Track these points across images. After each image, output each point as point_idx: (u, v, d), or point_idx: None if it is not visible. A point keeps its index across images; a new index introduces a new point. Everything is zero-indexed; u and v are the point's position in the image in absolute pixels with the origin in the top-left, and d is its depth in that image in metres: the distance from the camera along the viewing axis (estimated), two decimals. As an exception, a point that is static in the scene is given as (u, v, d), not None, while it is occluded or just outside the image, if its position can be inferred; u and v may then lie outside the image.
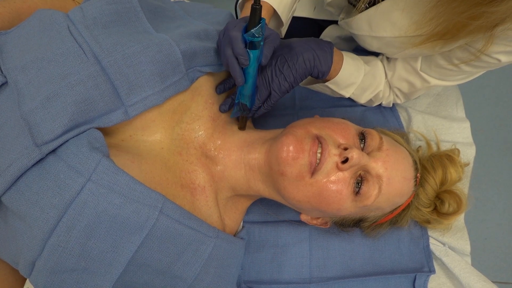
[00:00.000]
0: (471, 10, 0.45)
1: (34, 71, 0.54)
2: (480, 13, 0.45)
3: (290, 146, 0.57)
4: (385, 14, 0.60)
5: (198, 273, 0.58)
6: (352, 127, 0.62)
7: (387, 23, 0.61)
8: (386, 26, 0.62)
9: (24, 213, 0.51)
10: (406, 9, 0.56)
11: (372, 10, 0.63)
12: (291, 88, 0.66)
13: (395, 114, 0.86)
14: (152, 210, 0.54)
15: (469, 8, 0.45)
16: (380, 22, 0.62)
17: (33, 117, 0.52)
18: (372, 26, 0.64)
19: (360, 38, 0.70)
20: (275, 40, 0.59)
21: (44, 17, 0.59)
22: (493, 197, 1.52)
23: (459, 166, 0.73)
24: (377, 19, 0.63)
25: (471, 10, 0.46)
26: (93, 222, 0.51)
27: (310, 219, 0.68)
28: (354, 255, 0.75)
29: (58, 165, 0.51)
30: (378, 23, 0.63)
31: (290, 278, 0.73)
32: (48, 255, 0.50)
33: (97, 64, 0.55)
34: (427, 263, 0.75)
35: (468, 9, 0.46)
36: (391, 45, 0.65)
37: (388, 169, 0.59)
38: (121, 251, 0.53)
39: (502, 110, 1.61)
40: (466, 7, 0.46)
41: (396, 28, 0.60)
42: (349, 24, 0.70)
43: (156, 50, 0.57)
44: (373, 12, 0.63)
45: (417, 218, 0.75)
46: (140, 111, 0.58)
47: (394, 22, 0.60)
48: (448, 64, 0.62)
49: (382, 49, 0.69)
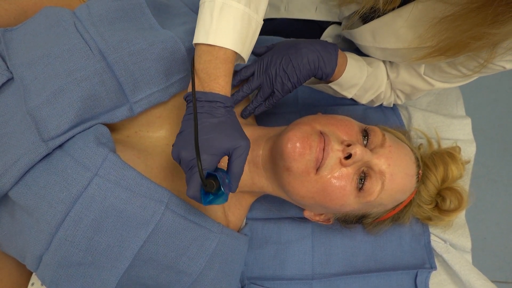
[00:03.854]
0: (473, 30, 0.46)
1: (40, 67, 0.55)
2: (482, 33, 0.46)
3: (297, 142, 0.57)
4: (389, 26, 0.61)
5: (203, 268, 0.59)
6: (355, 124, 0.63)
7: (391, 35, 0.61)
8: (390, 38, 0.62)
9: (31, 208, 0.51)
10: (410, 23, 0.56)
11: (376, 22, 0.63)
12: (294, 88, 0.66)
13: (396, 112, 0.87)
14: (158, 205, 0.54)
15: (471, 28, 0.46)
16: (384, 34, 0.63)
17: (40, 113, 0.52)
18: (376, 37, 0.65)
19: (363, 48, 0.71)
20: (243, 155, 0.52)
21: (50, 14, 0.59)
22: (492, 196, 1.53)
23: (460, 163, 0.74)
24: (381, 31, 0.63)
25: (473, 30, 0.46)
26: (100, 216, 0.51)
27: (313, 216, 0.68)
28: (356, 251, 0.76)
29: (65, 160, 0.52)
30: (382, 35, 0.63)
31: (292, 274, 0.74)
32: (55, 249, 0.51)
33: (103, 60, 0.55)
34: (429, 260, 0.76)
35: (470, 29, 0.46)
36: (395, 56, 0.66)
37: (391, 165, 0.60)
38: (127, 245, 0.53)
39: (502, 109, 1.61)
40: (469, 26, 0.46)
41: (400, 40, 0.60)
42: (353, 35, 0.70)
43: (161, 47, 0.58)
44: (377, 24, 0.63)
45: (419, 215, 0.75)
46: (145, 107, 0.59)
47: (398, 35, 0.60)
48: (453, 69, 0.62)
49: (387, 58, 0.70)
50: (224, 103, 0.52)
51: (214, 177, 0.48)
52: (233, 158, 0.51)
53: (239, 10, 0.52)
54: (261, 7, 0.55)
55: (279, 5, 0.88)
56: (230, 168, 0.52)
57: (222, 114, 0.52)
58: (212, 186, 0.47)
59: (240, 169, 0.52)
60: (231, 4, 0.51)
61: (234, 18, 0.52)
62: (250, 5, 0.53)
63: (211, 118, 0.51)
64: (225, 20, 0.51)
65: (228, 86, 0.54)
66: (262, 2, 0.55)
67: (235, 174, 0.52)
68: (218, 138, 0.50)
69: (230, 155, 0.51)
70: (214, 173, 0.49)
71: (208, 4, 0.52)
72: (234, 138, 0.51)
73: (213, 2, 0.51)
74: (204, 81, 0.52)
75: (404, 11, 0.57)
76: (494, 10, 0.41)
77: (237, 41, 0.52)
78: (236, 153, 0.51)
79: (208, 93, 0.52)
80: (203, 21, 0.52)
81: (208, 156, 0.49)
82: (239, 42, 0.53)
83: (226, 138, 0.50)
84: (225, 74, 0.53)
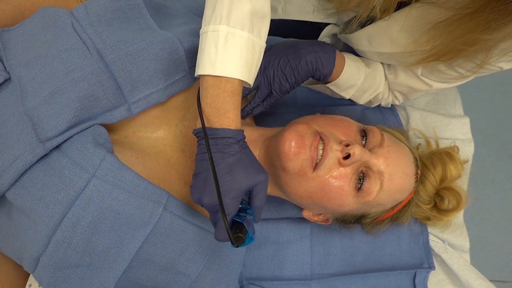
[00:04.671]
0: (467, 35, 0.46)
1: (38, 68, 0.55)
2: (475, 39, 0.46)
3: (292, 141, 0.57)
4: (385, 31, 0.61)
5: (201, 269, 0.59)
6: (354, 124, 0.63)
7: (387, 39, 0.62)
8: (386, 43, 0.62)
9: (28, 209, 0.51)
10: (405, 28, 0.56)
11: (371, 27, 0.63)
12: (292, 89, 0.67)
13: (394, 112, 0.87)
14: (156, 206, 0.54)
15: (464, 34, 0.46)
16: (380, 38, 0.63)
17: (37, 113, 0.52)
18: (372, 42, 0.65)
19: (360, 52, 0.71)
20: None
21: (48, 14, 0.59)
22: (490, 196, 1.53)
23: (458, 163, 0.74)
24: (376, 35, 0.63)
25: (466, 36, 0.46)
26: (98, 218, 0.51)
27: (312, 216, 0.68)
28: (355, 251, 0.76)
29: (63, 161, 0.52)
30: (378, 39, 0.64)
31: (291, 275, 0.74)
32: (53, 251, 0.50)
33: (101, 61, 0.55)
34: (427, 260, 0.76)
35: (463, 35, 0.46)
36: (392, 59, 0.66)
37: (389, 165, 0.60)
38: (125, 247, 0.53)
39: (499, 109, 1.62)
40: (462, 32, 0.46)
41: (395, 44, 0.60)
42: (349, 39, 0.70)
43: (159, 47, 0.58)
44: (372, 29, 0.63)
45: (417, 215, 0.76)
46: (143, 108, 0.59)
47: (394, 39, 0.60)
48: (450, 70, 0.62)
49: (384, 61, 0.70)
50: (236, 138, 0.51)
51: (240, 224, 0.49)
52: (254, 193, 0.51)
53: (243, 38, 0.51)
54: (263, 30, 0.54)
55: (277, 6, 0.88)
56: (253, 203, 0.52)
57: (236, 151, 0.50)
58: (241, 240, 0.48)
59: (262, 203, 0.52)
60: (235, 32, 0.50)
61: (240, 46, 0.50)
62: (253, 31, 0.52)
63: (225, 157, 0.50)
64: (230, 50, 0.50)
65: (238, 119, 0.52)
66: (264, 25, 0.54)
67: (259, 208, 0.52)
68: (236, 179, 0.49)
69: (251, 191, 0.52)
70: (239, 220, 0.50)
71: (212, 34, 0.50)
72: (253, 176, 0.50)
73: (216, 32, 0.50)
74: (213, 116, 0.51)
75: (399, 16, 0.57)
76: (486, 17, 0.41)
77: (244, 70, 0.51)
78: (256, 189, 0.51)
79: (219, 130, 0.50)
80: (207, 52, 0.50)
81: (230, 201, 0.49)
82: (246, 70, 0.52)
83: (244, 178, 0.50)
84: (234, 107, 0.51)
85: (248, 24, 0.51)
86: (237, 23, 0.50)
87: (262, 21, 0.53)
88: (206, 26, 0.51)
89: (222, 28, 0.50)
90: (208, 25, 0.51)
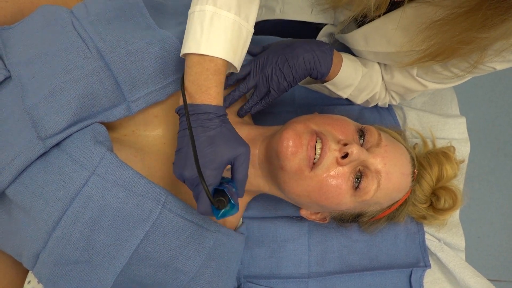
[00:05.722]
0: (462, 34, 0.46)
1: (38, 66, 0.55)
2: (471, 38, 0.46)
3: (290, 141, 0.58)
4: (381, 30, 0.61)
5: (199, 266, 0.59)
6: (352, 124, 0.64)
7: (383, 39, 0.62)
8: (382, 42, 0.63)
9: (28, 206, 0.51)
10: (401, 27, 0.57)
11: (367, 26, 0.63)
12: (289, 87, 0.67)
13: (391, 112, 0.87)
14: (155, 204, 0.54)
15: (460, 33, 0.46)
16: (376, 38, 0.64)
17: (37, 111, 0.52)
18: (369, 42, 0.66)
19: (357, 52, 0.72)
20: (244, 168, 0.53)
21: (48, 13, 0.59)
22: (486, 196, 1.54)
23: (454, 163, 0.75)
24: (373, 35, 0.64)
25: (462, 35, 0.46)
26: (97, 215, 0.51)
27: (310, 214, 0.69)
28: (352, 250, 0.76)
29: (63, 159, 0.52)
30: (374, 39, 0.64)
31: (289, 273, 0.74)
32: (53, 248, 0.51)
33: (100, 59, 0.56)
34: (423, 258, 0.77)
35: (459, 33, 0.46)
36: (388, 59, 0.67)
37: (386, 164, 0.60)
38: (124, 244, 0.53)
39: (495, 110, 1.63)
40: (458, 31, 0.46)
41: (391, 44, 0.61)
42: (345, 39, 0.71)
43: (159, 46, 0.58)
44: (369, 28, 0.64)
45: (414, 214, 0.76)
46: (143, 106, 0.59)
47: (390, 38, 0.61)
48: (444, 70, 0.63)
49: (380, 61, 0.71)
50: (217, 113, 0.52)
51: (222, 192, 0.49)
52: (236, 166, 0.52)
53: (230, 19, 0.52)
54: (252, 16, 0.55)
55: (275, 6, 0.88)
56: (235, 176, 0.52)
57: (217, 124, 0.51)
58: (223, 203, 0.48)
59: (244, 176, 0.52)
60: (221, 13, 0.51)
61: (225, 27, 0.52)
62: (240, 14, 0.53)
63: (206, 131, 0.51)
64: (215, 29, 0.51)
65: (220, 96, 0.53)
66: (252, 11, 0.55)
67: (241, 181, 0.52)
68: (217, 151, 0.50)
69: (233, 164, 0.52)
70: (220, 188, 0.49)
71: (198, 14, 0.51)
72: (233, 147, 0.51)
73: (203, 12, 0.51)
74: (195, 93, 0.52)
75: (395, 15, 0.58)
76: (482, 15, 0.41)
77: (228, 50, 0.52)
78: (238, 161, 0.51)
79: (200, 105, 0.51)
80: (193, 31, 0.52)
81: (211, 172, 0.49)
82: (231, 51, 0.52)
83: (225, 150, 0.50)
84: (216, 84, 0.52)
85: (235, 6, 0.52)
86: (223, 4, 0.51)
87: (249, 5, 0.54)
88: (193, 6, 0.52)
89: (208, 8, 0.51)
90: (195, 5, 0.52)
